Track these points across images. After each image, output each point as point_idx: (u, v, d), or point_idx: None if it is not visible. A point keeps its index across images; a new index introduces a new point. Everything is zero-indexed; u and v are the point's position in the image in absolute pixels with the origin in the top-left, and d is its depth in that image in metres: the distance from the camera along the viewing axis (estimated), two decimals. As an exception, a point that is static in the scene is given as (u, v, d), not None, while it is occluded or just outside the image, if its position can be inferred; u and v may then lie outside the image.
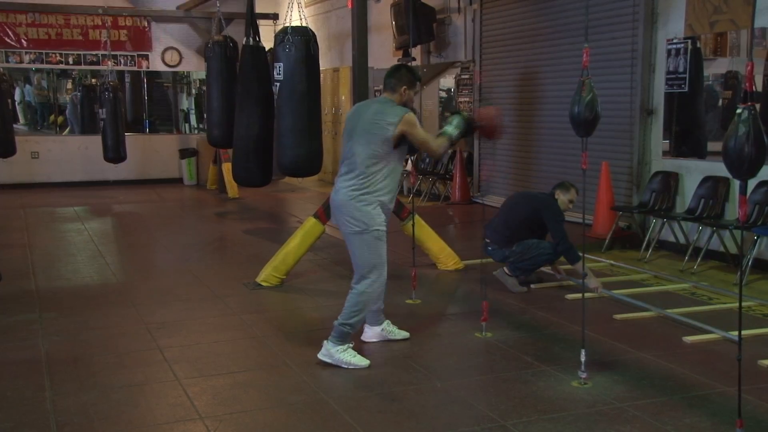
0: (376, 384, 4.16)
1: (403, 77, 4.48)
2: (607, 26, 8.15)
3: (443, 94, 12.53)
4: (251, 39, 8.05)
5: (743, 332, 3.42)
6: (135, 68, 14.65)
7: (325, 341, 4.46)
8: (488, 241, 6.25)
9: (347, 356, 4.40)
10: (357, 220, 4.32)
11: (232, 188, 12.04)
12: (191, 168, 14.47)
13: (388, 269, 4.49)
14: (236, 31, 10.05)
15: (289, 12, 7.49)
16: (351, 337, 4.46)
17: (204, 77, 11.70)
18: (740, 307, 3.31)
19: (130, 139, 13.19)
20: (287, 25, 7.04)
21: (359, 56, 6.33)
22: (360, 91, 6.33)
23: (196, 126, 16.27)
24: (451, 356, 4.72)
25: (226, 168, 11.98)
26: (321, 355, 4.44)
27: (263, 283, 6.29)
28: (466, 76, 11.17)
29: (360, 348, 4.69)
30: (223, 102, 9.27)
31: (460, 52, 11.25)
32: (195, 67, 14.94)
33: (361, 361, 4.41)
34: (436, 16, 11.42)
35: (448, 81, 12.08)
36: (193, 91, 16.50)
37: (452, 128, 4.50)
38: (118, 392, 4.05)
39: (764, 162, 3.17)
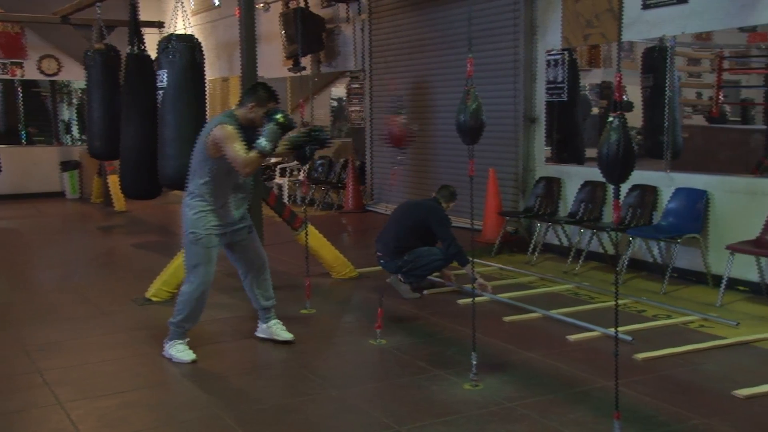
0: (271, 396, 4.12)
1: (253, 94, 4.52)
2: (491, 37, 8.42)
3: (334, 104, 12.59)
4: (135, 47, 7.83)
5: (620, 328, 3.61)
6: (8, 77, 13.92)
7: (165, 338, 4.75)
8: (380, 254, 6.32)
9: (174, 351, 4.66)
10: (184, 224, 4.62)
11: (118, 201, 11.63)
12: (74, 181, 13.88)
13: (281, 279, 4.55)
14: (120, 40, 9.72)
15: (174, 20, 7.34)
16: (181, 333, 4.68)
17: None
18: (616, 305, 3.49)
19: (5, 152, 12.51)
20: (171, 33, 6.89)
21: (248, 65, 6.26)
22: (249, 101, 6.26)
23: (78, 137, 15.61)
24: (347, 364, 4.74)
25: (112, 180, 11.57)
26: (164, 353, 4.72)
27: (153, 298, 6.11)
28: (356, 86, 11.26)
29: (255, 353, 4.65)
30: (105, 112, 8.96)
31: (350, 61, 11.34)
32: (76, 76, 14.32)
33: (186, 357, 4.62)
34: (325, 26, 11.46)
35: (339, 90, 12.15)
36: (75, 101, 15.83)
37: (263, 141, 4.32)
38: (-5, 420, 3.83)
39: (634, 167, 3.35)
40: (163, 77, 6.75)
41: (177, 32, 7.00)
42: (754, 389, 3.96)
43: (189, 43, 6.80)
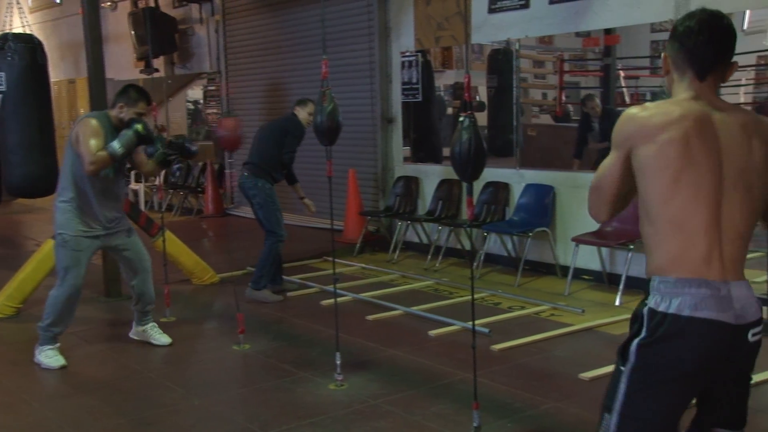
0: (129, 410, 3.97)
1: (123, 95, 4.56)
2: (346, 39, 8.49)
3: (191, 106, 12.27)
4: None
5: (478, 322, 3.76)
6: None
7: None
8: (245, 172, 6.27)
9: (42, 357, 4.59)
10: (54, 224, 4.57)
11: (-47, 212, 10.78)
12: None
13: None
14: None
15: (9, 17, 6.89)
16: (52, 338, 4.62)
17: None
18: (473, 299, 3.62)
19: None
20: (7, 31, 6.48)
21: (94, 67, 5.98)
22: (98, 104, 5.97)
23: None
24: (209, 372, 4.65)
25: (-56, 190, 10.70)
26: (35, 359, 4.64)
27: (-5, 315, 5.72)
28: (213, 88, 11.03)
29: (112, 365, 4.46)
30: None
31: (205, 63, 11.09)
32: None
33: (55, 362, 4.56)
34: (177, 27, 11.15)
35: (196, 92, 11.85)
36: None
37: (116, 144, 4.35)
38: None
39: (485, 165, 3.50)
40: (2, 80, 6.34)
41: (14, 31, 6.57)
42: (598, 371, 4.23)
43: (29, 43, 6.42)
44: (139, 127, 4.45)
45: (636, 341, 1.99)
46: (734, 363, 1.99)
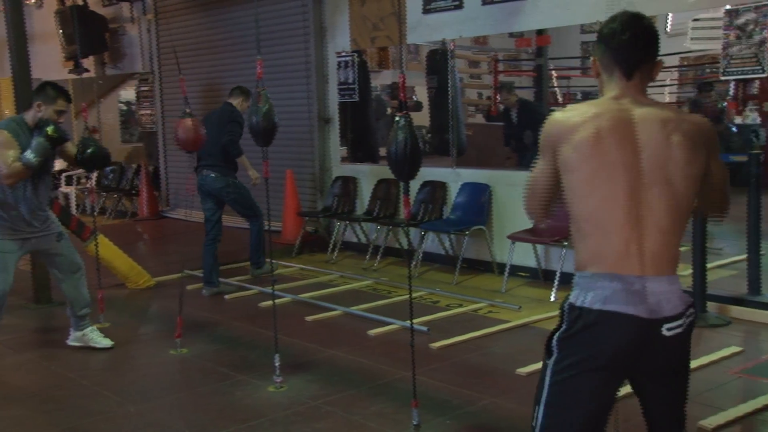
0: (60, 420, 3.85)
1: (40, 93, 4.45)
2: (281, 39, 8.44)
3: (124, 107, 12.02)
4: None
5: (416, 320, 3.78)
6: None
7: None
8: (211, 173, 6.30)
9: None
10: None
11: None
12: None
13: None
14: None
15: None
16: None
17: None
18: (411, 298, 3.64)
19: None
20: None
21: (19, 67, 5.79)
22: (23, 105, 5.76)
23: None
24: (146, 378, 4.55)
25: None
26: None
27: None
28: (146, 88, 10.81)
29: (41, 374, 4.33)
30: None
31: (137, 63, 10.86)
32: None
33: None
34: (108, 25, 10.89)
35: (129, 93, 11.61)
36: None
37: (30, 154, 4.27)
38: None
39: (421, 164, 3.52)
40: None
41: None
42: (534, 366, 4.29)
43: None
44: (48, 130, 4.34)
45: (557, 335, 2.07)
46: (653, 357, 2.01)
